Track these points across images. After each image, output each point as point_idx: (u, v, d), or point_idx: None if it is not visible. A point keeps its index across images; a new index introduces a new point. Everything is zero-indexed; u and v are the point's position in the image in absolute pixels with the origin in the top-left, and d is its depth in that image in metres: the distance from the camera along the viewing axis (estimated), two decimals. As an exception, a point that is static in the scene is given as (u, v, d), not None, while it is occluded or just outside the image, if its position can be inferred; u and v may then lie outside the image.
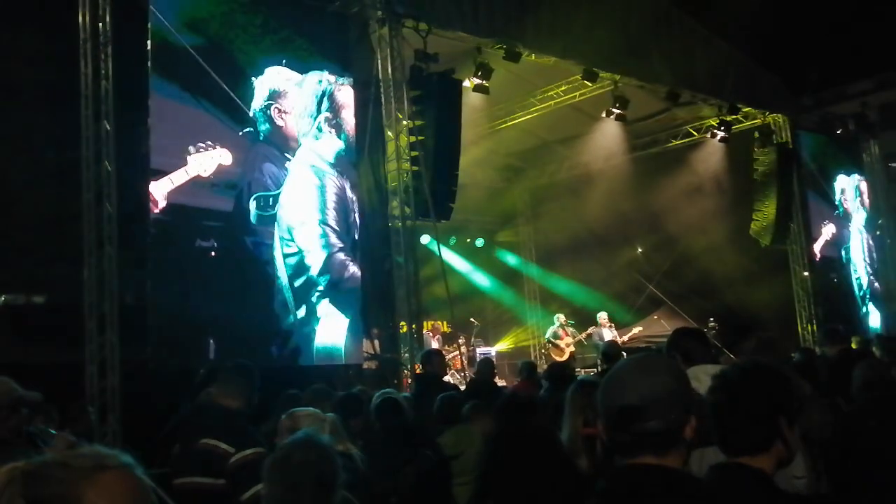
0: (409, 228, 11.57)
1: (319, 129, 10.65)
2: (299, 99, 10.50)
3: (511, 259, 21.80)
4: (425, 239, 14.77)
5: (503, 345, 20.15)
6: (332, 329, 10.39)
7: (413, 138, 11.51)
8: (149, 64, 9.14)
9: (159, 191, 9.10)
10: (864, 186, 20.27)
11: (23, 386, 3.92)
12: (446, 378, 10.37)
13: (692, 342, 4.21)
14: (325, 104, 10.77)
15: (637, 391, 1.82)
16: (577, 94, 15.74)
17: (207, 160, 9.45)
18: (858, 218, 19.95)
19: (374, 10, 11.46)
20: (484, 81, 13.06)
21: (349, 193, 10.87)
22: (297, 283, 10.13)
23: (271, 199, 10.03)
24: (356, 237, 10.93)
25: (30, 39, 9.06)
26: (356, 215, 10.95)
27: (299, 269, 10.18)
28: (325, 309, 10.35)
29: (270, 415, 6.63)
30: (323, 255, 10.42)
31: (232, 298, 9.54)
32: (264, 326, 9.87)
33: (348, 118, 11.06)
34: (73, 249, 8.79)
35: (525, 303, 21.56)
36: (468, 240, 20.48)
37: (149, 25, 9.13)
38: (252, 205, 9.83)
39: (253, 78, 10.11)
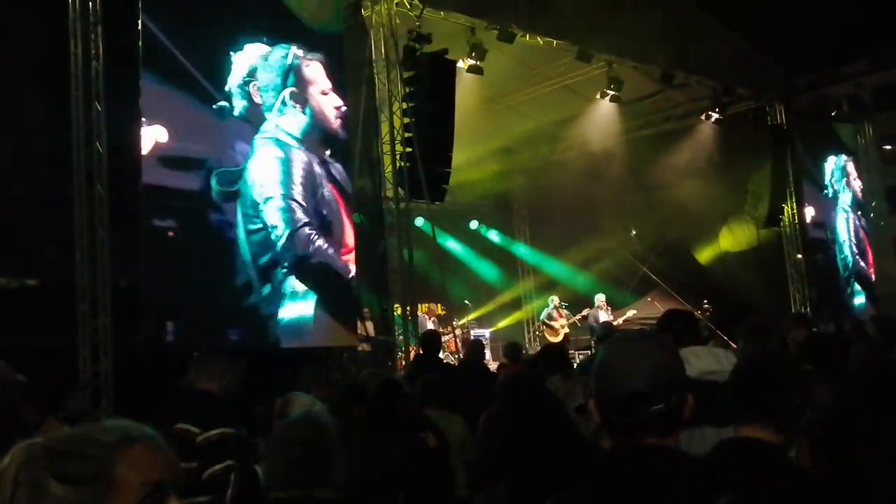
0: (402, 210, 11.54)
1: (284, 104, 10.35)
2: (264, 73, 10.23)
3: (505, 241, 21.78)
4: (419, 221, 14.73)
5: (498, 326, 20.14)
6: (298, 307, 10.12)
7: (407, 119, 11.45)
8: (140, 43, 9.04)
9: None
10: (850, 167, 20.26)
11: (17, 370, 3.87)
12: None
13: (682, 324, 4.20)
14: (290, 78, 10.48)
15: (642, 376, 1.81)
16: (571, 75, 15.67)
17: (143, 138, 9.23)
18: (844, 198, 19.94)
19: (367, -10, 11.37)
20: (478, 62, 12.98)
21: (317, 168, 10.57)
22: (262, 261, 9.85)
23: (234, 176, 9.74)
24: (325, 213, 10.58)
25: (19, 19, 8.95)
26: (324, 190, 10.62)
27: (264, 246, 9.88)
28: (292, 287, 10.08)
29: (265, 397, 6.63)
30: (288, 230, 10.12)
31: (192, 278, 9.27)
32: (226, 306, 9.58)
33: (315, 93, 10.72)
34: (66, 232, 8.74)
35: (519, 285, 21.57)
36: (462, 221, 20.45)
37: (139, 4, 9.03)
38: (213, 181, 9.53)
39: (231, 53, 9.92)
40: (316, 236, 10.38)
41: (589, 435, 3.64)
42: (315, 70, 10.78)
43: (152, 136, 9.22)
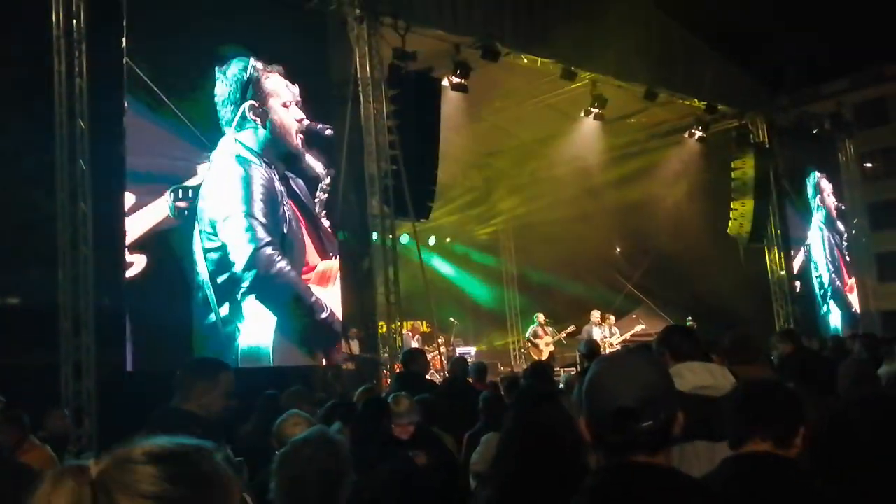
0: (388, 228, 11.52)
1: (243, 118, 10.13)
2: (222, 86, 10.03)
3: (490, 258, 21.79)
4: (404, 238, 14.70)
5: (483, 344, 20.10)
6: (257, 329, 9.87)
7: (392, 137, 11.46)
8: (125, 61, 9.02)
9: (139, 226, 9.03)
10: (823, 183, 20.37)
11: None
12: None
13: (682, 339, 4.17)
14: (249, 92, 10.25)
15: (630, 393, 1.80)
16: (555, 93, 15.74)
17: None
18: (818, 216, 20.05)
19: (351, 8, 11.39)
20: (463, 80, 13.03)
21: (278, 185, 10.30)
22: (220, 279, 9.57)
23: (190, 192, 9.51)
24: (285, 231, 10.30)
25: (1, 37, 8.92)
26: (285, 208, 10.36)
27: (222, 264, 9.61)
28: (251, 307, 9.81)
29: (249, 416, 6.57)
30: (249, 249, 9.84)
31: (145, 297, 9.10)
32: (182, 326, 9.33)
33: (275, 106, 10.50)
34: (49, 251, 8.67)
35: (504, 302, 21.55)
36: (447, 239, 20.45)
37: (124, 22, 9.01)
38: (169, 197, 9.33)
39: (216, 69, 9.93)
40: (278, 256, 10.11)
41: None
42: (275, 82, 10.54)
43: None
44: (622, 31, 14.72)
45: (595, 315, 16.90)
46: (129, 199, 9.11)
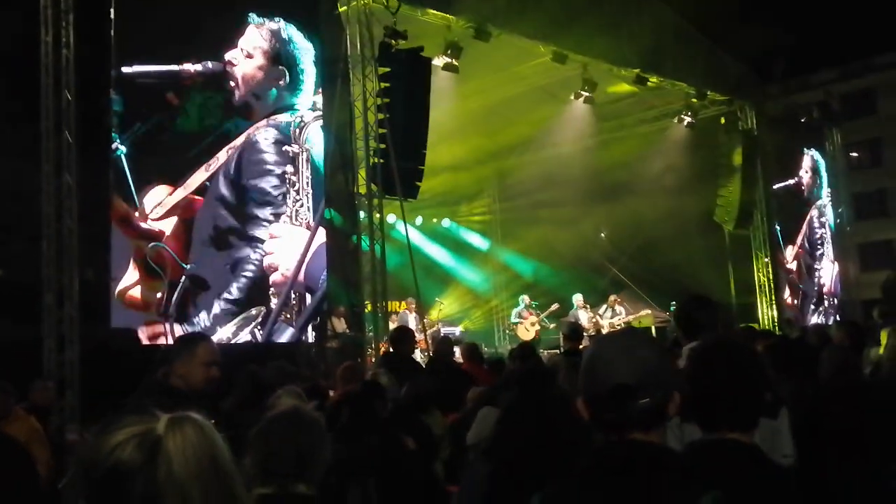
0: (375, 206, 11.50)
1: None
2: None
3: (477, 239, 21.80)
4: (391, 218, 14.68)
5: (468, 324, 20.13)
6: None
7: (381, 115, 11.41)
8: (112, 32, 8.94)
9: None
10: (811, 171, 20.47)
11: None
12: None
13: (700, 311, 3.84)
14: None
15: (627, 370, 1.82)
16: (546, 75, 15.70)
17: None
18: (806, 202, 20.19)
19: (343, -15, 11.33)
20: (453, 60, 12.99)
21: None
22: None
23: None
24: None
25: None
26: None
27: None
28: None
29: (231, 391, 6.55)
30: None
31: None
32: None
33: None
34: (34, 224, 8.61)
35: (490, 283, 21.58)
36: (435, 219, 20.43)
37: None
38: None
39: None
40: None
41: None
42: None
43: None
44: (614, 16, 14.70)
45: (578, 298, 16.94)
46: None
